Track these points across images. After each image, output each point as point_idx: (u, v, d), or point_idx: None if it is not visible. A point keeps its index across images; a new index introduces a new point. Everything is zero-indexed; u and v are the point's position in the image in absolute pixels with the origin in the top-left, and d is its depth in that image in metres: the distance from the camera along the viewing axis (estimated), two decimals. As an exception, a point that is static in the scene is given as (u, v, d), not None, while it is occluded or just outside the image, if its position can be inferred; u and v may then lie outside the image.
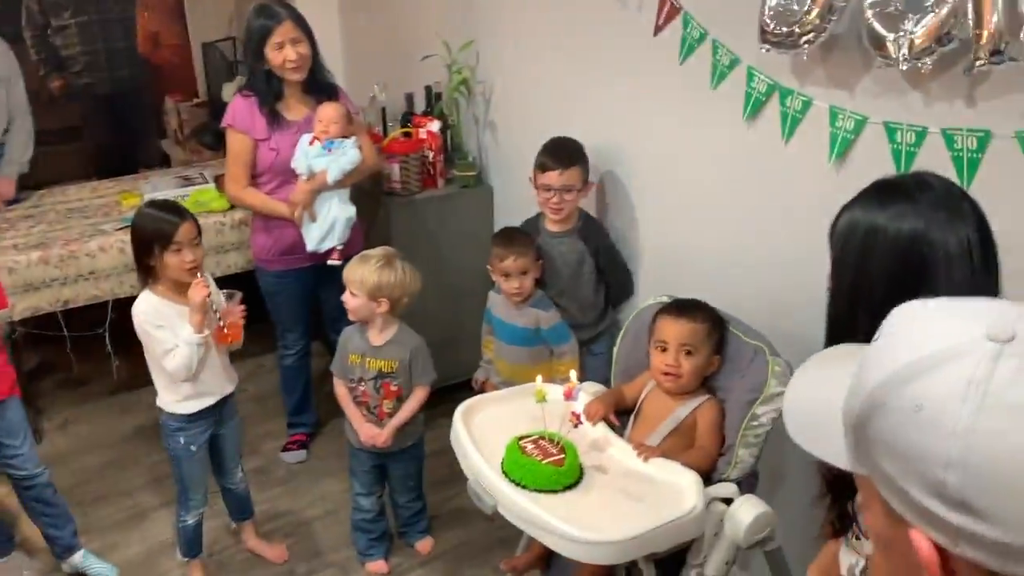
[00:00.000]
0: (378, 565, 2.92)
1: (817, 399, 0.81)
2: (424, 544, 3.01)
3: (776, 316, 2.24)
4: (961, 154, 1.80)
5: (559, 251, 2.77)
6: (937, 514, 0.65)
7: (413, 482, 2.93)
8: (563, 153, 2.70)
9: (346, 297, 2.65)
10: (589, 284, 2.80)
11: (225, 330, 2.53)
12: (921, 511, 0.66)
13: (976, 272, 1.31)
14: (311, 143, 3.04)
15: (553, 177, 2.68)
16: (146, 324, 2.48)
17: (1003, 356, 0.64)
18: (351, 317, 2.70)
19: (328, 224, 3.08)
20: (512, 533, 2.48)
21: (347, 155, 3.03)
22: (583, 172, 2.72)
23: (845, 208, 1.43)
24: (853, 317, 1.36)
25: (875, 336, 0.74)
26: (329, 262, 3.10)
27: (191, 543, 2.79)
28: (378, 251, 2.68)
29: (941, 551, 0.66)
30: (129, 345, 2.61)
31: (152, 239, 2.46)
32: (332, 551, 3.01)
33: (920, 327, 0.70)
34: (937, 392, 0.65)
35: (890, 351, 0.70)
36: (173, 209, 2.55)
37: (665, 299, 2.29)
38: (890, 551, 0.73)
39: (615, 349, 2.39)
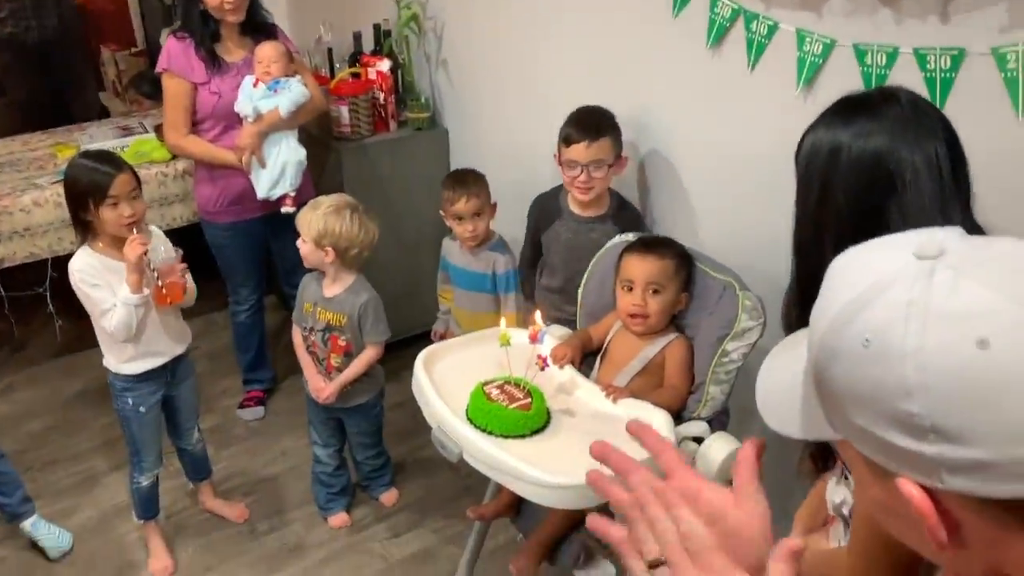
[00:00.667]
0: (340, 518, 2.86)
1: (783, 379, 0.79)
2: (388, 496, 2.95)
3: (745, 250, 2.18)
4: (934, 75, 1.74)
5: (589, 238, 2.41)
6: (913, 451, 0.63)
7: (370, 439, 2.86)
8: (590, 123, 2.36)
9: (299, 242, 2.55)
10: None
11: (163, 290, 2.40)
12: (898, 454, 0.64)
13: (945, 187, 1.26)
14: (255, 85, 2.90)
15: (579, 151, 2.33)
16: (81, 283, 2.35)
17: (936, 270, 0.64)
18: (305, 264, 2.60)
19: (279, 169, 2.95)
20: (479, 481, 2.42)
21: (295, 90, 2.89)
22: (615, 144, 2.37)
23: (809, 128, 1.37)
24: (820, 242, 1.31)
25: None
26: (282, 210, 2.98)
27: (146, 505, 2.70)
28: (332, 198, 2.57)
29: (934, 496, 0.64)
30: (72, 305, 2.49)
31: (86, 192, 2.32)
32: (294, 508, 2.94)
33: (853, 268, 0.70)
34: (879, 321, 0.64)
35: (830, 297, 0.70)
36: (108, 159, 2.40)
37: (630, 237, 2.22)
38: (890, 515, 0.70)
39: (579, 291, 2.31)
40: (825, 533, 1.39)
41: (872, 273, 0.67)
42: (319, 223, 2.48)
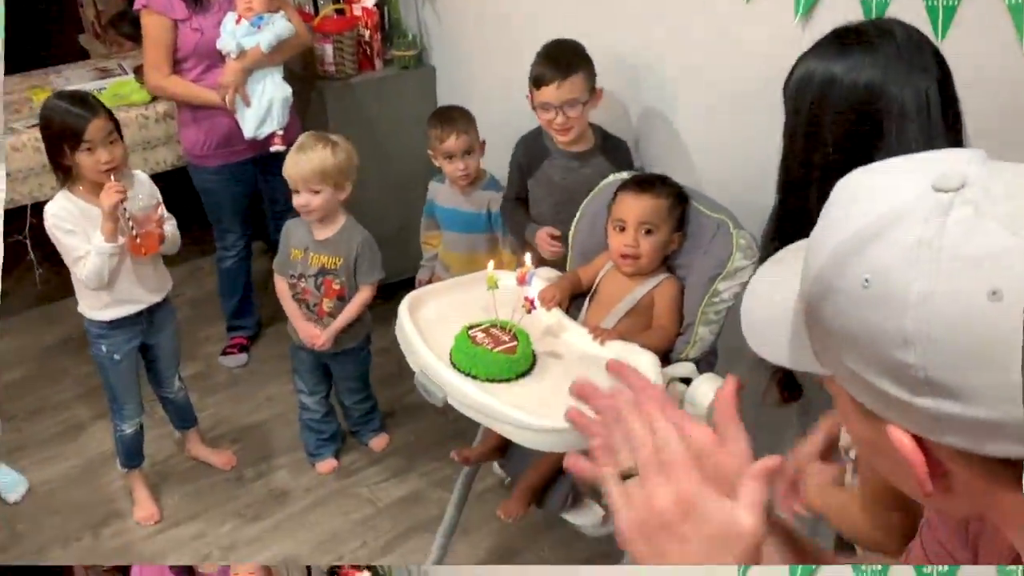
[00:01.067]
0: (328, 464, 2.84)
1: (773, 302, 0.73)
2: (378, 441, 2.93)
3: (741, 188, 2.12)
4: (936, 3, 1.67)
5: (582, 174, 2.31)
6: (907, 402, 0.58)
7: (358, 384, 2.83)
8: (559, 60, 2.23)
9: (304, 200, 2.44)
10: None
11: (138, 240, 2.32)
12: (891, 403, 0.60)
13: (933, 127, 1.23)
14: (237, 22, 2.81)
15: (551, 93, 2.21)
16: (55, 229, 2.29)
17: (954, 206, 0.56)
18: (312, 217, 2.50)
19: (265, 106, 2.88)
20: (468, 426, 2.39)
21: (279, 25, 2.81)
22: (587, 79, 2.25)
23: (802, 57, 1.34)
24: (807, 177, 1.28)
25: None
26: (271, 148, 2.91)
27: (129, 453, 2.66)
28: (310, 137, 2.49)
29: (923, 444, 0.60)
30: (54, 252, 2.43)
31: (61, 137, 2.25)
32: (281, 454, 2.92)
33: (862, 193, 0.63)
34: (884, 261, 0.58)
35: (832, 226, 0.63)
36: (82, 102, 2.31)
37: (624, 176, 2.15)
38: (877, 454, 0.65)
39: (570, 233, 2.25)
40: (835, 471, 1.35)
41: (882, 202, 0.60)
42: (331, 160, 2.41)
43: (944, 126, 1.24)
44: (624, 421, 0.73)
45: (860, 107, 1.24)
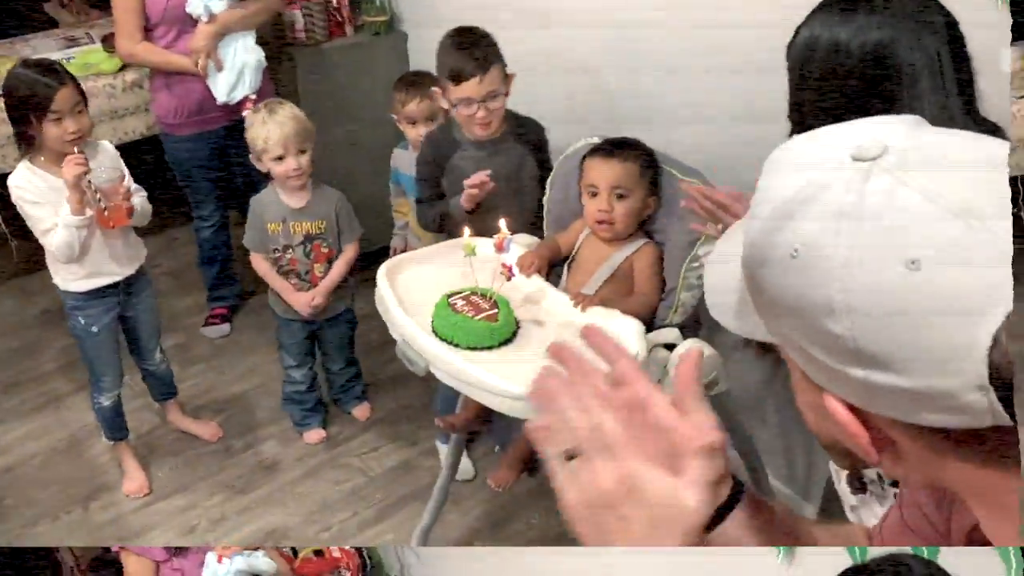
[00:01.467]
0: (316, 434, 2.85)
1: (726, 268, 0.73)
2: (361, 410, 2.94)
3: (718, 152, 2.12)
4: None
5: (496, 162, 2.24)
6: (840, 371, 0.59)
7: (346, 350, 2.85)
8: (476, 53, 2.13)
9: (294, 163, 2.42)
10: (533, 189, 2.30)
11: (106, 213, 2.29)
12: (826, 372, 0.61)
13: (947, 87, 1.21)
14: (209, -14, 2.77)
15: (472, 88, 2.11)
16: (21, 201, 2.27)
17: (873, 174, 0.57)
18: (302, 181, 2.49)
19: (237, 70, 2.85)
20: (456, 394, 2.40)
21: None
22: (503, 67, 2.17)
23: (804, 23, 1.30)
24: None
25: None
26: (244, 114, 2.86)
27: (112, 426, 2.66)
28: (271, 103, 2.50)
29: (865, 414, 0.61)
30: (26, 224, 2.39)
31: (27, 105, 2.21)
32: (268, 424, 2.92)
33: (791, 162, 0.64)
34: (808, 231, 0.58)
35: (763, 196, 0.63)
36: (50, 70, 2.27)
37: (595, 140, 2.15)
38: (824, 420, 0.66)
39: (544, 199, 2.25)
40: None
41: (807, 173, 0.60)
42: (304, 117, 2.44)
43: (958, 85, 1.22)
44: (557, 404, 0.73)
45: (870, 72, 1.20)
